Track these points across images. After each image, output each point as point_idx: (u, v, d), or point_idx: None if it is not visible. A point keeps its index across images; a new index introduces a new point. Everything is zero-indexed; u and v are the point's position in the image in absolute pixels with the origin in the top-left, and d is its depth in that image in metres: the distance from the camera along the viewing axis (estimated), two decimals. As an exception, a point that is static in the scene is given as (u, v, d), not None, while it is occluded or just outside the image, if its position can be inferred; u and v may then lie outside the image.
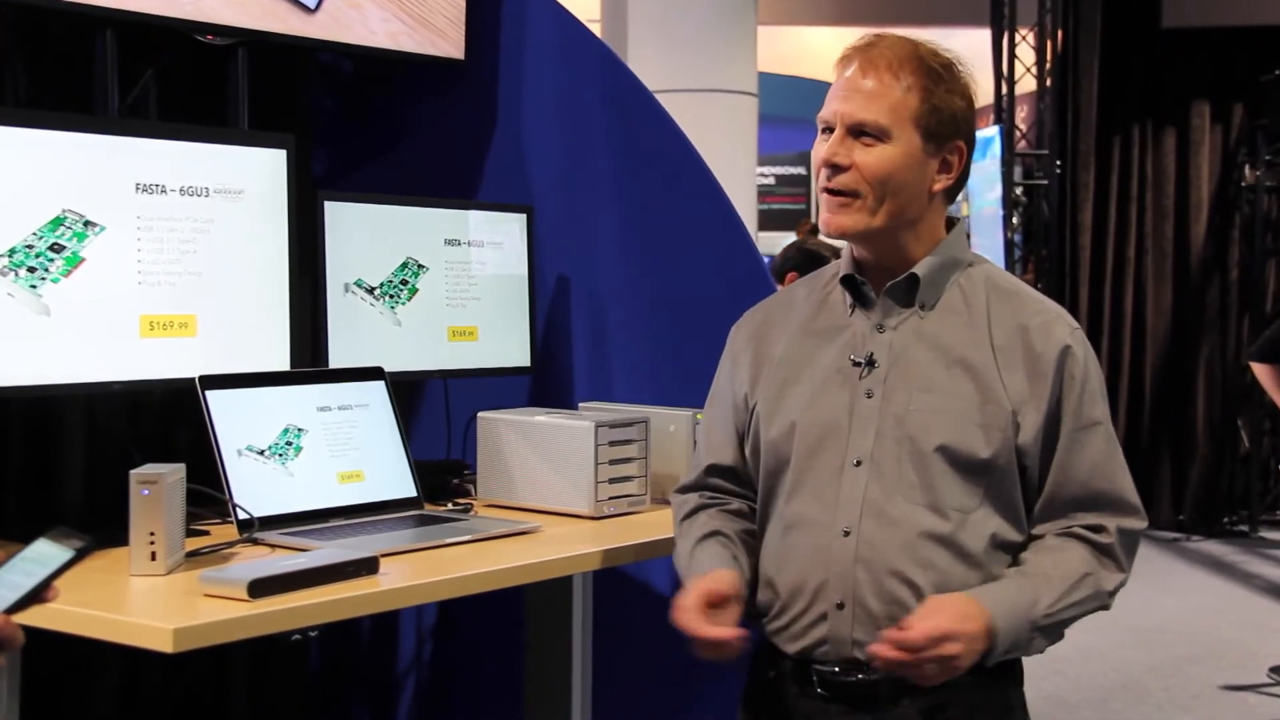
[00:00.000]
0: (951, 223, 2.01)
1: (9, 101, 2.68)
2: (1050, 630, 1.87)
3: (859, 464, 1.91)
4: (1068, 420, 1.90)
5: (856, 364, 1.95)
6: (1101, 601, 1.91)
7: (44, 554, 1.38)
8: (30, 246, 2.27)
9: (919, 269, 1.95)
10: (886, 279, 1.97)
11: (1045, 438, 1.90)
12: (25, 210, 2.27)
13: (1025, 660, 1.97)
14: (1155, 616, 6.46)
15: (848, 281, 2.00)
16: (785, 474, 1.97)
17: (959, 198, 2.10)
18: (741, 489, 2.11)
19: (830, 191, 1.93)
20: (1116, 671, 5.65)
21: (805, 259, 5.20)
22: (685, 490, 2.16)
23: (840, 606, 1.89)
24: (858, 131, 1.90)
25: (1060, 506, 1.92)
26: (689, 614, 1.88)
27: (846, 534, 1.89)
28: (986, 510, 1.89)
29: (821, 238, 10.49)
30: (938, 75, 1.92)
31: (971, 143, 1.97)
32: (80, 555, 1.40)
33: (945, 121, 1.92)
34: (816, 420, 1.95)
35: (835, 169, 1.91)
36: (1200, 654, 5.96)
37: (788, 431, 1.96)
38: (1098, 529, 1.91)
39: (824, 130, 1.95)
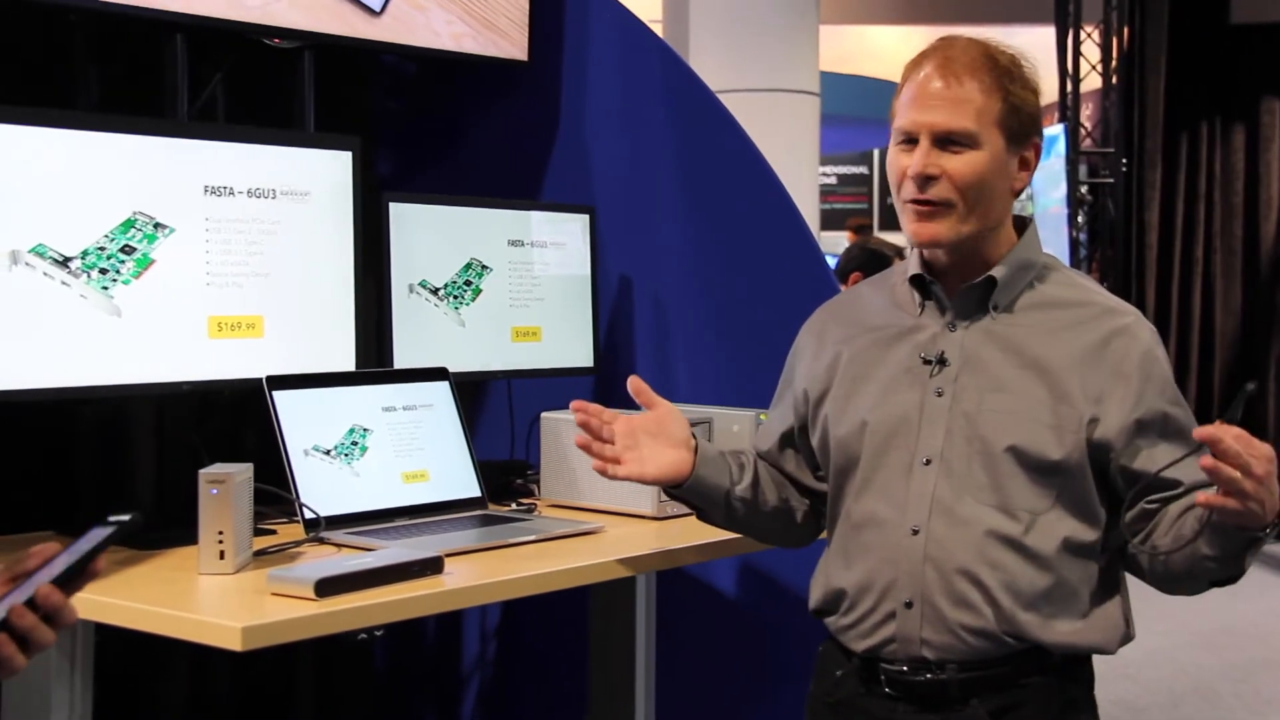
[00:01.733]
0: (1024, 223, 1.99)
1: (82, 106, 2.72)
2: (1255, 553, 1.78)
3: (928, 463, 1.89)
4: (1159, 426, 1.85)
5: (927, 362, 1.93)
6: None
7: (93, 534, 1.42)
8: (102, 249, 2.30)
9: (997, 273, 1.92)
10: (958, 280, 1.95)
11: (1136, 438, 1.85)
12: (97, 213, 2.30)
13: (1095, 663, 1.95)
14: (1226, 619, 6.36)
15: (917, 281, 1.98)
16: (855, 472, 1.97)
17: (1025, 195, 2.09)
18: (776, 475, 2.14)
19: (920, 202, 1.90)
20: (1187, 675, 5.58)
21: (870, 259, 5.18)
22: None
23: (909, 605, 1.88)
24: (945, 140, 1.87)
25: (1167, 501, 1.86)
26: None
27: (915, 533, 1.88)
28: (1059, 512, 1.87)
29: (880, 235, 10.43)
30: (1010, 74, 1.90)
31: (1042, 135, 1.97)
32: (123, 528, 1.43)
33: (1025, 120, 1.91)
34: (886, 418, 1.94)
35: (927, 180, 1.88)
36: (1273, 658, 5.87)
37: (858, 430, 1.96)
38: None
39: (904, 140, 1.91)
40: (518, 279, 2.98)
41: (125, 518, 1.44)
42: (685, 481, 2.05)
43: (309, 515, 2.31)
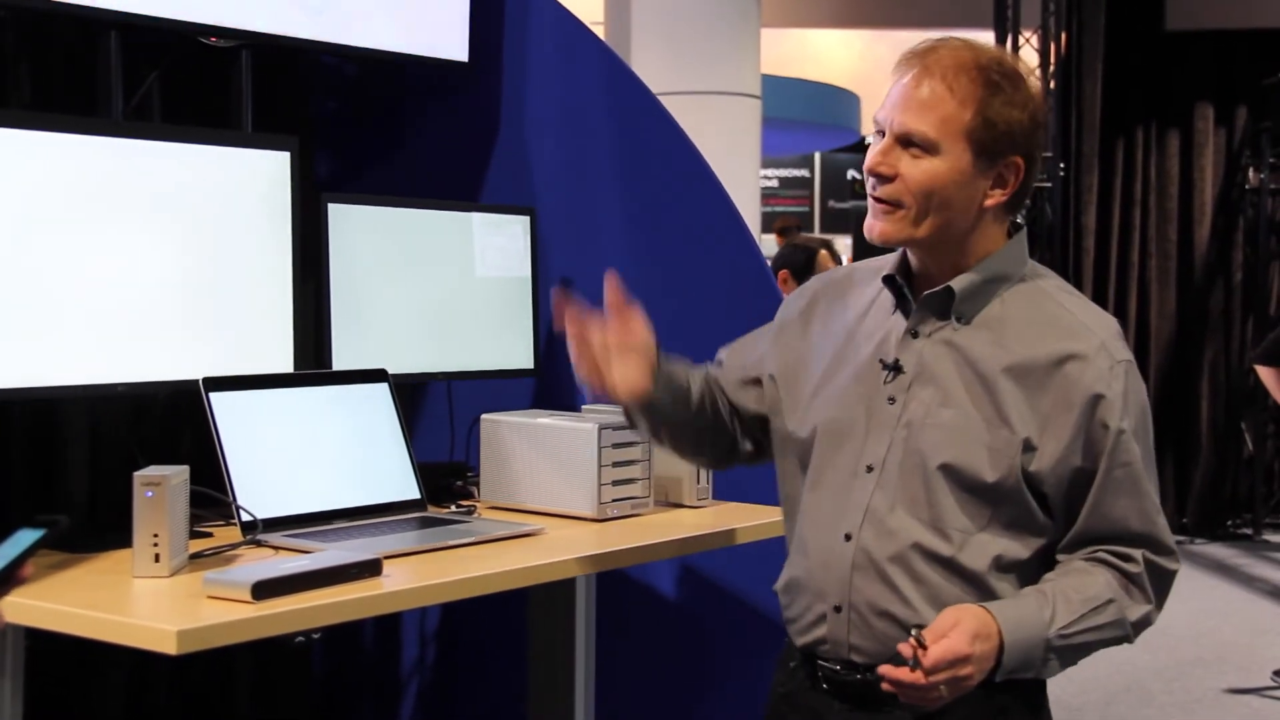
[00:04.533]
0: (1015, 230, 1.94)
1: (13, 104, 2.68)
2: (1066, 653, 1.81)
3: (870, 470, 1.89)
4: (1105, 461, 1.83)
5: (885, 368, 1.91)
6: (1123, 630, 1.86)
7: (19, 538, 1.40)
8: (34, 249, 2.26)
9: (956, 283, 1.88)
10: (928, 285, 1.91)
11: (1071, 472, 1.83)
12: (31, 212, 2.27)
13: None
14: (1160, 620, 6.42)
15: (889, 281, 1.95)
16: (808, 467, 1.96)
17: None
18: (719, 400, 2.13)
19: (875, 199, 1.88)
20: (1120, 674, 5.64)
21: (793, 254, 5.22)
22: None
23: (838, 610, 1.88)
24: (906, 141, 1.84)
25: (1093, 540, 1.87)
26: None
27: (847, 539, 1.88)
28: (992, 532, 1.84)
29: (806, 235, 10.42)
30: (996, 86, 1.84)
31: (1033, 157, 1.88)
32: (51, 532, 1.41)
33: (999, 136, 1.84)
34: (838, 419, 1.93)
35: (880, 178, 1.86)
36: (1204, 657, 5.95)
37: (812, 430, 1.95)
38: (1126, 558, 1.85)
39: (877, 132, 1.89)
40: (458, 280, 2.97)
41: (53, 519, 1.42)
42: (639, 402, 2.02)
43: (246, 518, 2.30)
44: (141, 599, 1.99)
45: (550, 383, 3.17)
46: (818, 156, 17.19)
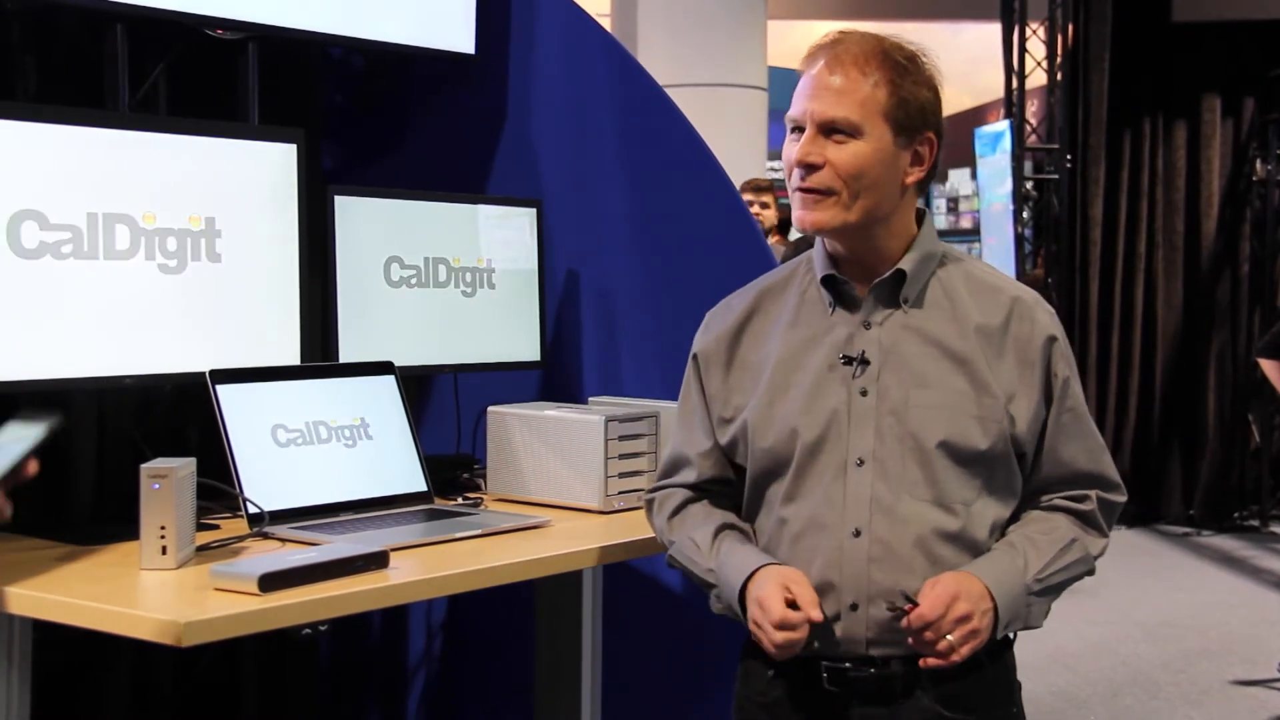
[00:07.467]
0: (920, 215, 2.02)
1: (20, 96, 2.68)
2: (1044, 594, 1.91)
3: (861, 463, 1.90)
4: (1055, 407, 1.94)
5: (848, 362, 1.93)
6: (1088, 565, 1.97)
7: (18, 434, 1.41)
8: (42, 241, 2.27)
9: (905, 265, 1.94)
10: (865, 275, 1.96)
11: (1041, 426, 1.94)
12: (38, 203, 2.27)
13: (1035, 655, 1.97)
14: (1166, 611, 6.44)
15: (828, 281, 1.98)
16: (783, 476, 1.95)
17: (970, 191, 2.09)
18: (728, 491, 2.08)
19: (804, 190, 1.91)
20: (1126, 666, 5.64)
21: None
22: (660, 488, 2.13)
23: (854, 608, 1.89)
24: (829, 129, 1.89)
25: (1047, 487, 1.98)
26: (785, 614, 1.84)
27: (857, 534, 1.89)
28: (986, 499, 1.92)
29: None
30: (903, 68, 1.91)
31: (940, 133, 1.97)
32: (51, 429, 1.43)
33: (914, 114, 1.91)
34: (815, 422, 1.93)
35: (809, 168, 1.90)
36: (1211, 649, 5.95)
37: (787, 437, 1.94)
38: (1080, 498, 1.98)
39: (794, 130, 1.94)
40: (464, 273, 2.97)
41: (50, 418, 1.43)
42: None
43: (252, 510, 2.30)
44: (148, 591, 1.99)
45: (556, 375, 3.17)
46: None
